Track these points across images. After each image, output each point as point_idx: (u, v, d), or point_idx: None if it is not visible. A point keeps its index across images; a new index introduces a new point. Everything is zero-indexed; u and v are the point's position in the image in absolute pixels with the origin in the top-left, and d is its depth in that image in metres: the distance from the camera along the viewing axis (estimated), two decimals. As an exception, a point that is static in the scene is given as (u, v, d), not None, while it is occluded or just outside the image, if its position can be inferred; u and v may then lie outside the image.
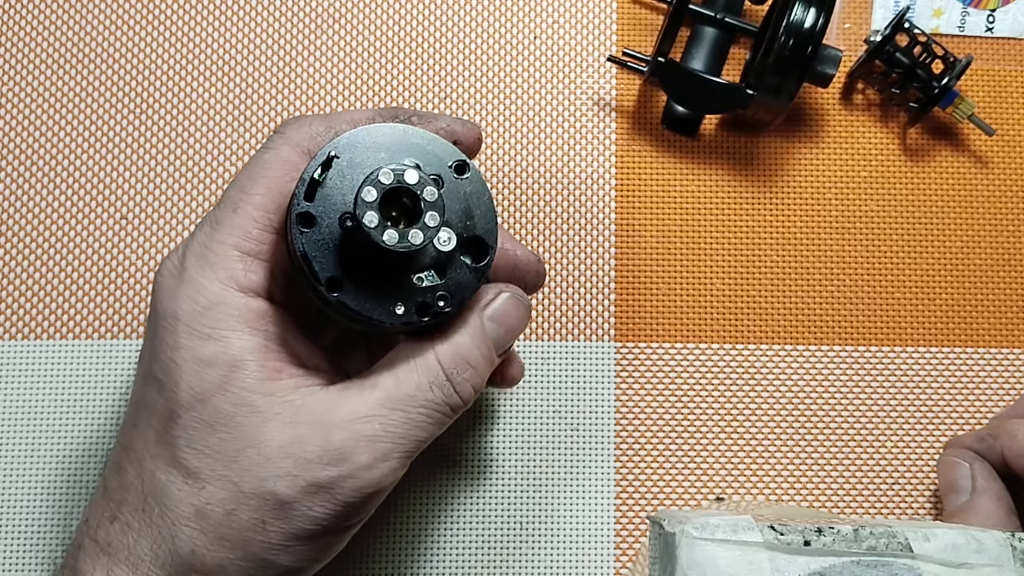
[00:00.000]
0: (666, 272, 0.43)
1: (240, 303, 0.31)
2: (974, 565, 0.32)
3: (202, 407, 0.30)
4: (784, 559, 0.32)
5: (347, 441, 0.30)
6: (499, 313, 0.33)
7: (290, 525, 0.30)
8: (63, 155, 0.43)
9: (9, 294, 0.42)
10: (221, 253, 0.31)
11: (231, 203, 0.31)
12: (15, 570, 0.40)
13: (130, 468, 0.31)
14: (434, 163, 0.31)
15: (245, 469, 0.30)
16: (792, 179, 0.44)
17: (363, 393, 0.31)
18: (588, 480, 0.41)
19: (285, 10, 0.45)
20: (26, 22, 0.44)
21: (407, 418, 0.31)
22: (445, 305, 0.31)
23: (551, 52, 0.45)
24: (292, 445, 0.30)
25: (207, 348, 0.30)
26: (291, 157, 0.32)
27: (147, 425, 0.31)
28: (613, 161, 0.44)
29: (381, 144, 0.31)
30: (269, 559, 0.30)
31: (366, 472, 0.30)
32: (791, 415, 0.42)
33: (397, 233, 0.29)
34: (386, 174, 0.29)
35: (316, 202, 0.30)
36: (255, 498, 0.29)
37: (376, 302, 0.31)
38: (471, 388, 0.32)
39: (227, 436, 0.30)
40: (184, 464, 0.30)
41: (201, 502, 0.30)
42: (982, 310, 0.43)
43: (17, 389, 0.41)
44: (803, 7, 0.39)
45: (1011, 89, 0.45)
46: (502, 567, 0.40)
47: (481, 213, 0.32)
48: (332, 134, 0.32)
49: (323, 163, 0.30)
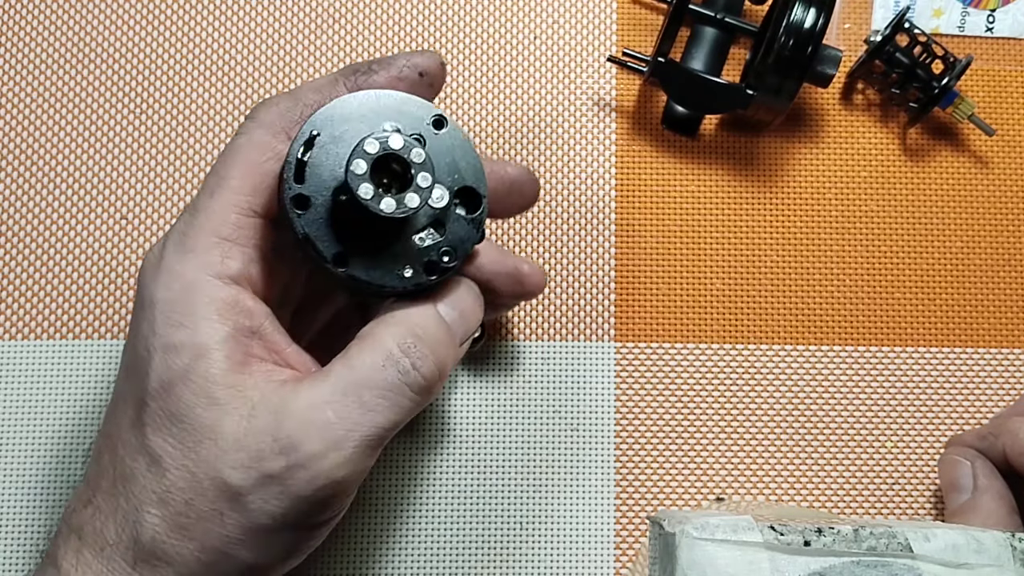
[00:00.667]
0: (666, 272, 0.43)
1: (214, 291, 0.30)
2: (974, 565, 0.32)
3: (167, 396, 0.30)
4: (784, 559, 0.32)
5: (297, 430, 0.29)
6: (451, 296, 0.33)
7: (246, 518, 0.29)
8: (63, 155, 0.43)
9: (9, 294, 0.42)
10: (199, 239, 0.31)
11: (208, 190, 0.31)
12: (15, 570, 0.40)
13: (106, 454, 0.31)
14: (412, 123, 0.31)
15: (203, 459, 0.29)
16: (792, 179, 0.44)
17: (316, 381, 0.30)
18: (588, 480, 0.41)
19: (285, 10, 0.45)
20: (26, 22, 0.44)
21: (360, 402, 0.30)
22: (450, 260, 0.31)
23: (551, 52, 0.45)
24: (247, 436, 0.29)
25: (177, 335, 0.30)
26: (264, 138, 0.32)
27: (122, 412, 0.31)
28: (613, 161, 0.44)
29: (357, 114, 0.31)
30: (228, 552, 0.30)
31: (316, 461, 0.29)
32: (791, 415, 0.42)
33: (393, 200, 0.29)
34: (371, 143, 0.29)
35: (306, 182, 0.30)
36: (212, 488, 0.29)
37: (383, 270, 0.31)
38: (432, 365, 0.31)
39: (187, 426, 0.29)
40: (149, 451, 0.30)
41: (162, 489, 0.29)
42: (982, 310, 0.43)
43: (17, 389, 0.41)
44: (803, 7, 0.39)
45: (1011, 89, 0.45)
46: (502, 567, 0.40)
47: (467, 164, 0.32)
48: (300, 107, 0.32)
49: (305, 142, 0.30)
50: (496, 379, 0.42)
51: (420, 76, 0.32)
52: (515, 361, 0.42)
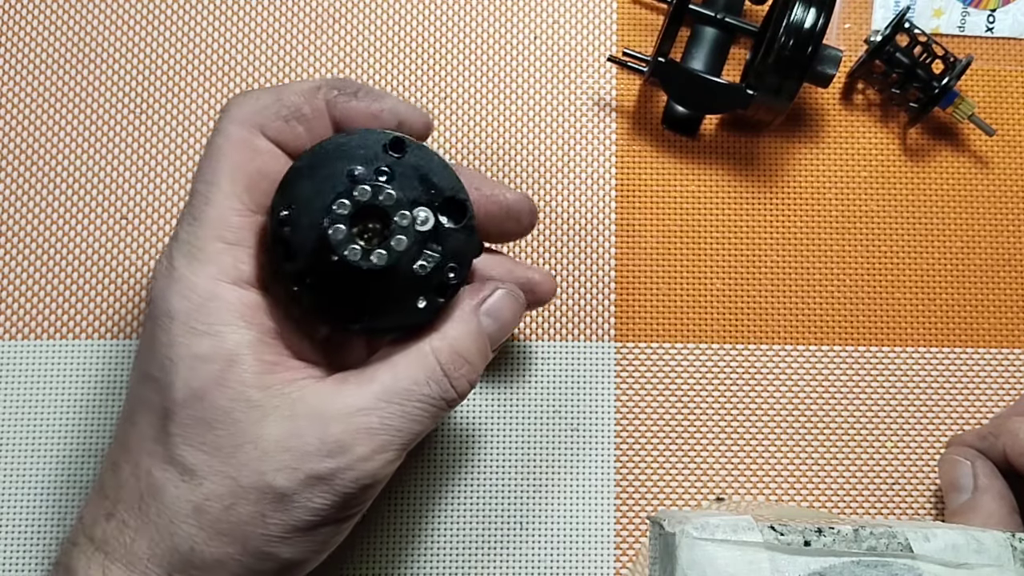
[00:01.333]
0: (666, 272, 0.43)
1: (233, 297, 0.31)
2: (974, 565, 0.32)
3: (198, 404, 0.30)
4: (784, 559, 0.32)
5: (345, 433, 0.30)
6: (494, 308, 0.34)
7: (290, 517, 0.30)
8: (63, 155, 0.43)
9: (9, 294, 0.42)
10: (207, 248, 0.31)
11: (202, 196, 0.31)
12: (15, 570, 0.40)
13: (126, 466, 0.31)
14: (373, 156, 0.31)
15: (243, 464, 0.30)
16: (792, 179, 0.44)
17: (361, 386, 0.31)
18: (588, 480, 0.41)
19: (285, 10, 0.45)
20: (26, 22, 0.44)
21: (403, 411, 0.31)
22: (456, 276, 0.32)
23: (551, 52, 0.45)
24: (290, 438, 0.30)
25: (203, 344, 0.30)
26: (242, 135, 0.32)
27: (144, 422, 0.31)
28: (613, 161, 0.44)
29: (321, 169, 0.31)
30: (269, 551, 0.30)
31: (364, 463, 0.30)
32: (791, 415, 0.42)
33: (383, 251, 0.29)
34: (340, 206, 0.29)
35: (296, 256, 0.30)
36: (254, 492, 0.30)
37: (397, 309, 0.31)
38: (467, 383, 0.33)
39: (224, 432, 0.30)
40: (181, 461, 0.30)
41: (199, 498, 0.30)
42: (982, 310, 0.43)
43: (17, 389, 0.41)
44: (803, 7, 0.39)
45: (1011, 89, 0.45)
46: (502, 566, 0.40)
47: (439, 176, 0.32)
48: (279, 107, 0.32)
49: (280, 219, 0.30)
50: (496, 379, 0.42)
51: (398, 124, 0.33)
52: (515, 361, 0.42)
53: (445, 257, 0.31)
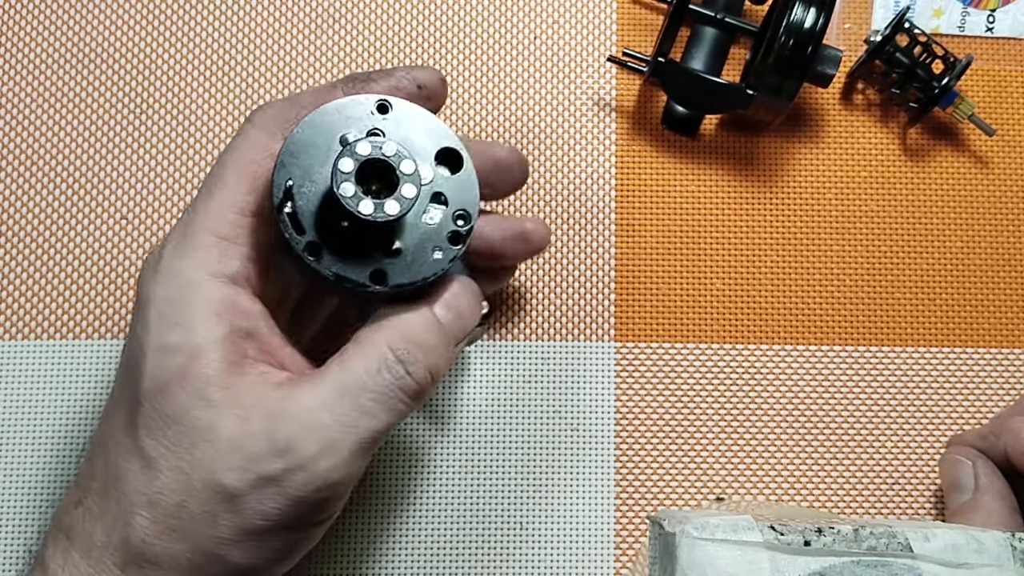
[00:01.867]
0: (666, 272, 0.43)
1: (212, 291, 0.30)
2: (974, 565, 0.32)
3: (162, 397, 0.29)
4: (784, 559, 0.32)
5: (294, 432, 0.29)
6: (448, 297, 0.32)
7: (240, 520, 0.29)
8: (63, 155, 0.43)
9: (9, 294, 0.42)
10: (197, 239, 0.31)
11: (206, 189, 0.31)
12: (15, 570, 0.40)
13: (99, 455, 0.31)
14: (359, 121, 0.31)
15: (197, 461, 0.29)
16: (792, 179, 0.44)
17: (312, 383, 0.30)
18: (588, 480, 0.41)
19: (285, 10, 0.45)
20: (26, 22, 0.44)
21: (356, 405, 0.30)
22: (464, 224, 0.31)
23: (551, 52, 0.45)
24: (242, 438, 0.29)
25: (173, 335, 0.30)
26: (260, 139, 0.32)
27: (116, 413, 0.31)
28: (613, 161, 0.44)
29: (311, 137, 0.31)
30: (220, 554, 0.29)
31: (314, 463, 0.29)
32: (791, 415, 0.42)
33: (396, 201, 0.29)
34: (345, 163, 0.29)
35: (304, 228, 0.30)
36: (205, 490, 0.29)
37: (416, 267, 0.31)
38: (424, 371, 0.31)
39: (183, 428, 0.29)
40: (143, 452, 0.30)
41: (153, 491, 0.29)
42: (982, 310, 0.43)
43: (17, 389, 0.41)
44: (803, 7, 0.39)
45: (1011, 89, 0.45)
46: (502, 567, 0.40)
47: (430, 129, 0.32)
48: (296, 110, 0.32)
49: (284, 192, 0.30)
50: (496, 379, 0.42)
51: (418, 88, 0.32)
52: (515, 361, 0.42)
53: (450, 206, 0.31)
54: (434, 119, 0.32)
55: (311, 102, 0.32)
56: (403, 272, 0.31)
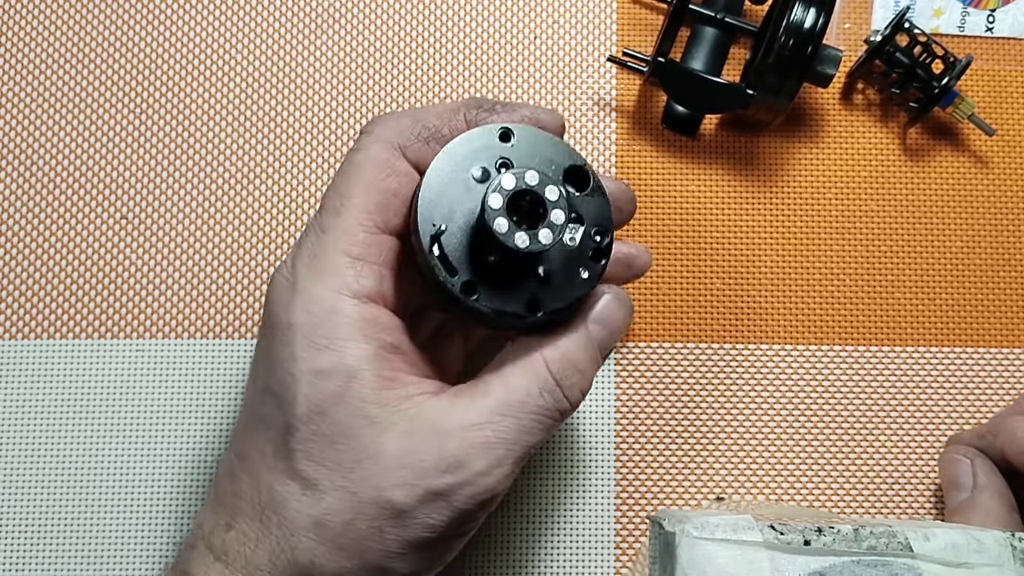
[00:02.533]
0: (666, 272, 0.43)
1: (355, 311, 0.30)
2: (974, 565, 0.32)
3: (320, 419, 0.30)
4: (784, 559, 0.32)
5: (462, 449, 0.30)
6: (603, 315, 0.33)
7: (408, 533, 0.30)
8: (63, 155, 0.43)
9: (9, 294, 0.42)
10: (331, 260, 0.31)
11: (333, 209, 0.31)
12: (15, 570, 0.40)
13: (245, 477, 0.31)
14: (489, 151, 0.31)
15: (363, 479, 0.30)
16: (792, 179, 0.44)
17: (475, 400, 0.31)
18: (588, 480, 0.41)
19: (285, 10, 0.45)
20: (26, 22, 0.44)
21: (519, 424, 0.31)
22: (603, 238, 0.32)
23: (551, 52, 0.45)
24: (408, 455, 0.30)
25: (324, 359, 0.30)
26: (383, 155, 0.32)
27: (263, 437, 0.31)
28: (613, 161, 0.44)
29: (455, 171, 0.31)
30: (386, 567, 0.30)
31: (482, 479, 0.30)
32: (791, 415, 0.42)
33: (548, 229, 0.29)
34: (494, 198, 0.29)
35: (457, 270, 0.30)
36: (373, 508, 0.30)
37: (565, 287, 0.31)
38: (579, 392, 0.32)
39: (345, 447, 0.30)
40: (303, 476, 0.30)
41: (319, 512, 0.30)
42: (982, 310, 0.43)
43: (17, 389, 0.41)
44: (803, 7, 0.39)
45: (1011, 89, 0.45)
46: (502, 566, 0.40)
47: (553, 150, 0.32)
48: (420, 128, 0.32)
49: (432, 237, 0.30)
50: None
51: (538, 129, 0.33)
52: (515, 361, 0.42)
53: (587, 224, 0.31)
54: (554, 140, 0.32)
55: (435, 123, 0.32)
56: (555, 297, 0.31)
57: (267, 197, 0.43)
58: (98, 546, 0.40)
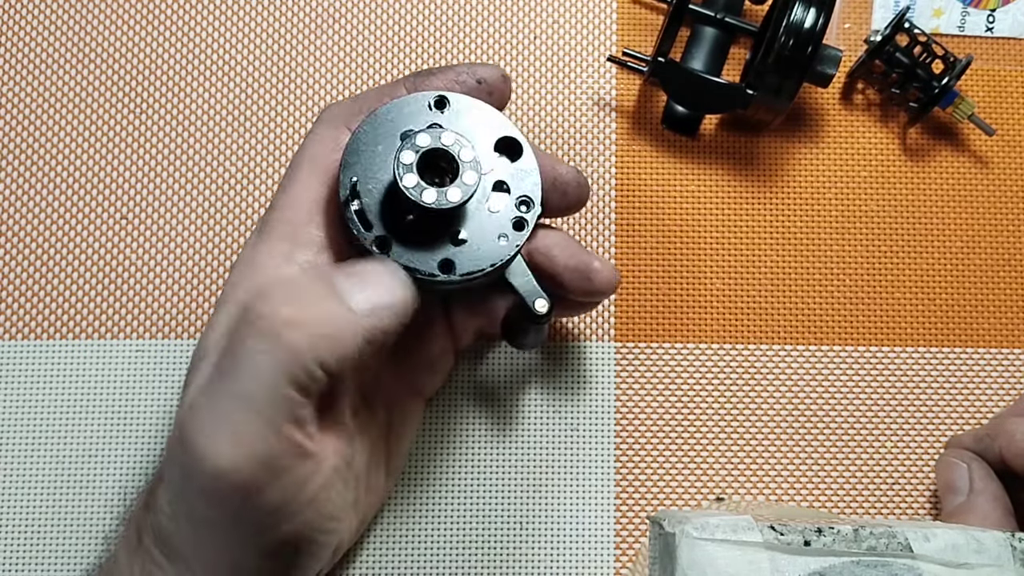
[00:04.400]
0: (666, 272, 0.43)
1: (280, 273, 0.31)
2: (974, 565, 0.32)
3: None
4: (784, 559, 0.32)
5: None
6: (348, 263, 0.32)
7: None
8: (63, 155, 0.43)
9: (9, 294, 0.42)
10: (273, 231, 0.32)
11: (281, 186, 0.33)
12: (15, 570, 0.40)
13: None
14: (416, 116, 0.32)
15: None
16: (792, 179, 0.44)
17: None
18: (588, 480, 0.41)
19: (285, 10, 0.45)
20: (26, 22, 0.44)
21: None
22: (528, 208, 0.32)
23: (551, 52, 0.45)
24: None
25: None
26: (327, 132, 0.33)
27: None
28: (613, 161, 0.44)
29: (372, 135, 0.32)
30: None
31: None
32: (791, 415, 0.42)
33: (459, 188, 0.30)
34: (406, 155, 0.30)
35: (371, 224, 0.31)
36: None
37: (485, 250, 0.32)
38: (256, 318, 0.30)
39: None
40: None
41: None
42: (982, 310, 0.43)
43: (17, 389, 0.41)
44: (803, 7, 0.39)
45: (1011, 89, 0.45)
46: (502, 567, 0.40)
47: (488, 119, 0.32)
48: (360, 105, 0.33)
49: (350, 190, 0.31)
50: (496, 379, 0.42)
51: (478, 83, 0.33)
52: (515, 361, 0.42)
53: (512, 193, 0.32)
54: (491, 110, 0.33)
55: (376, 98, 0.33)
56: (470, 260, 0.32)
57: (267, 197, 0.43)
58: (98, 546, 0.40)
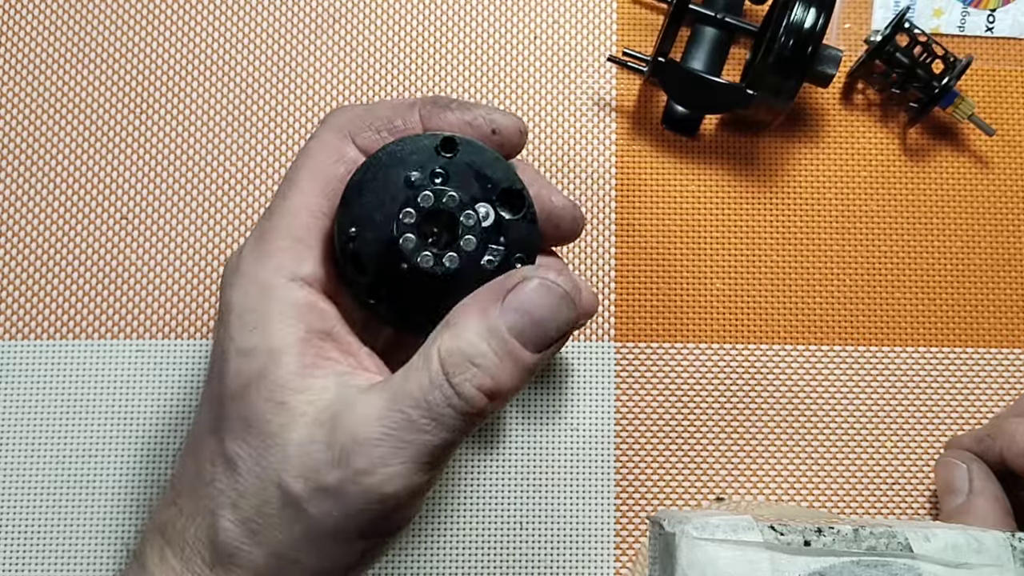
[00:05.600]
0: (666, 272, 0.43)
1: (287, 294, 0.30)
2: (974, 565, 0.32)
3: (241, 401, 0.29)
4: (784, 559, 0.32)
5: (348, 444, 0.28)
6: (520, 302, 0.29)
7: (308, 525, 0.29)
8: (63, 155, 0.43)
9: (9, 294, 0.42)
10: (273, 243, 0.31)
11: (281, 192, 0.31)
12: (15, 570, 0.40)
13: (189, 456, 0.31)
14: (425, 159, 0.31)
15: (270, 465, 0.29)
16: (792, 179, 0.44)
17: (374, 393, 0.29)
18: (588, 480, 0.41)
19: (285, 10, 0.45)
20: (26, 22, 0.44)
21: (409, 421, 0.28)
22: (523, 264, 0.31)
23: (551, 52, 0.45)
24: (307, 444, 0.29)
25: (251, 339, 0.30)
26: (332, 141, 0.32)
27: (204, 416, 0.31)
28: (613, 161, 0.44)
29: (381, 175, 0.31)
30: (295, 558, 0.30)
31: (364, 477, 0.28)
32: (791, 415, 0.42)
33: (456, 255, 0.30)
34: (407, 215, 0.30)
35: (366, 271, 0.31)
36: (277, 495, 0.29)
37: None
38: (473, 389, 0.28)
39: (258, 432, 0.29)
40: (227, 455, 0.30)
41: (236, 494, 0.29)
42: (982, 310, 0.43)
43: (17, 389, 0.41)
44: (803, 7, 0.39)
45: (1011, 89, 0.45)
46: (502, 567, 0.40)
47: (493, 169, 0.31)
48: (371, 119, 0.32)
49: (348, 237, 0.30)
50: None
51: (492, 133, 0.32)
52: (515, 361, 0.42)
53: (510, 248, 0.31)
54: (499, 159, 0.32)
55: (388, 114, 0.32)
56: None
57: (267, 197, 0.43)
58: (97, 546, 0.40)
